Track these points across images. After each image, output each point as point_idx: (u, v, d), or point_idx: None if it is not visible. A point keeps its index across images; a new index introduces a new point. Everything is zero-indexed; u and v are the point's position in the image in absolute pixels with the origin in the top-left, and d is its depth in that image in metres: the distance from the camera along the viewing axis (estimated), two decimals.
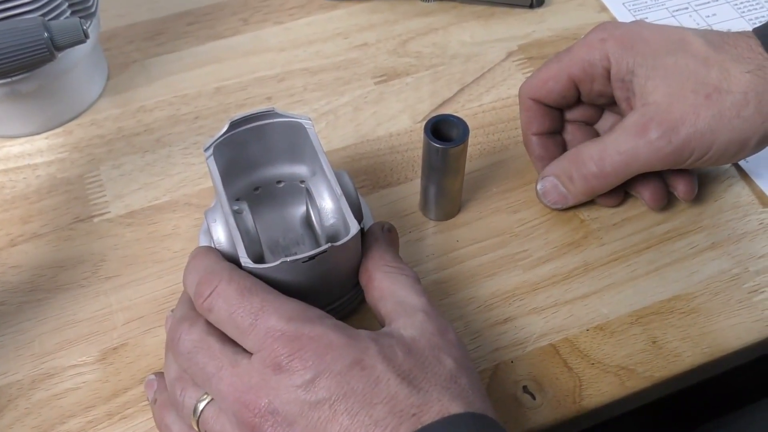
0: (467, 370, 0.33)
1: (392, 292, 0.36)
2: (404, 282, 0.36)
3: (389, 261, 0.37)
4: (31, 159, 0.51)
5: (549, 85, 0.45)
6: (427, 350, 0.32)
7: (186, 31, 0.59)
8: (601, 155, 0.43)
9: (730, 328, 0.42)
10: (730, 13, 0.60)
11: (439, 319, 0.34)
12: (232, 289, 0.33)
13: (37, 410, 0.40)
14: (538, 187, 0.46)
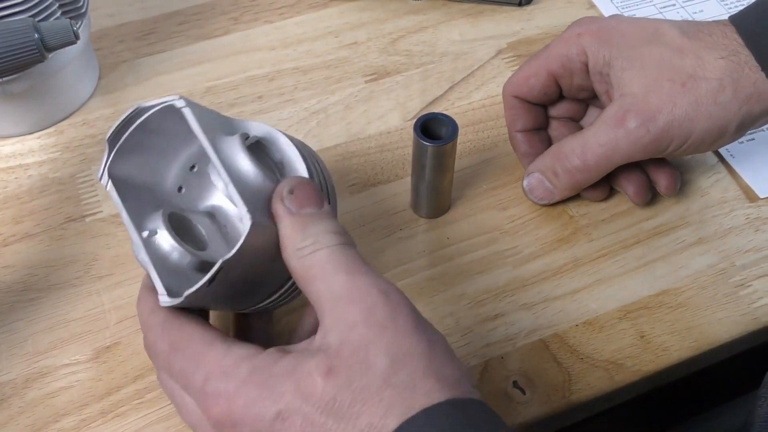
0: (410, 356, 0.28)
1: (312, 282, 0.30)
2: (324, 261, 0.30)
3: (298, 241, 0.31)
4: (23, 159, 0.51)
5: (530, 83, 0.46)
6: (352, 357, 0.28)
7: (176, 31, 0.59)
8: (583, 149, 0.43)
9: (718, 322, 0.43)
10: (716, 9, 0.60)
11: (377, 297, 0.29)
12: (162, 352, 0.32)
13: (30, 409, 0.40)
14: (524, 184, 0.47)
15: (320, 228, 0.31)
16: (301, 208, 0.31)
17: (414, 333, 0.29)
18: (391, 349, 0.28)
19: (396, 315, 0.29)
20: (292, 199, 0.31)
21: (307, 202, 0.32)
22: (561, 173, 0.45)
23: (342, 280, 0.30)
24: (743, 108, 0.41)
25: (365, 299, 0.29)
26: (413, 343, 0.28)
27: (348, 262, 0.30)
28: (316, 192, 0.32)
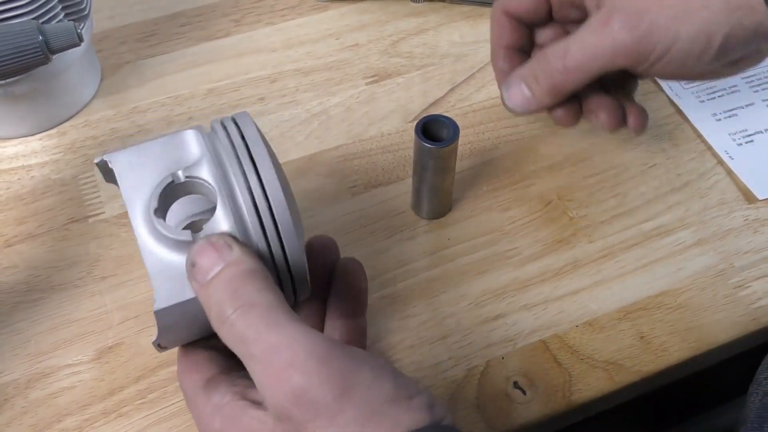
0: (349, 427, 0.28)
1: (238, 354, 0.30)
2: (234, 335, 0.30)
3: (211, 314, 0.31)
4: (26, 160, 0.51)
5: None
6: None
7: (178, 32, 0.59)
8: (564, 52, 0.42)
9: (717, 323, 0.43)
10: None
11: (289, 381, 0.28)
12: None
13: (33, 409, 0.40)
14: (503, 93, 0.45)
15: (218, 295, 0.30)
16: (207, 275, 0.30)
17: (344, 406, 0.28)
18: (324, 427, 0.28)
19: (319, 392, 0.28)
20: (196, 272, 0.31)
21: (209, 265, 0.30)
22: (541, 78, 0.43)
23: (257, 365, 0.29)
24: (732, 16, 0.39)
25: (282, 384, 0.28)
26: (346, 419, 0.27)
27: (255, 335, 0.29)
28: (215, 248, 0.31)
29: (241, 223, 0.32)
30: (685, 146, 0.52)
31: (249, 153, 0.33)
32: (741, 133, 0.52)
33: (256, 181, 0.32)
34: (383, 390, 0.28)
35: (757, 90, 0.55)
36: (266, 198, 0.32)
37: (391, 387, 0.28)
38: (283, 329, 0.29)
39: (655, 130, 0.53)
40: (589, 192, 0.49)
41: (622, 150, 0.52)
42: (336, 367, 0.28)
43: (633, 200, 0.49)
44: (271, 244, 0.32)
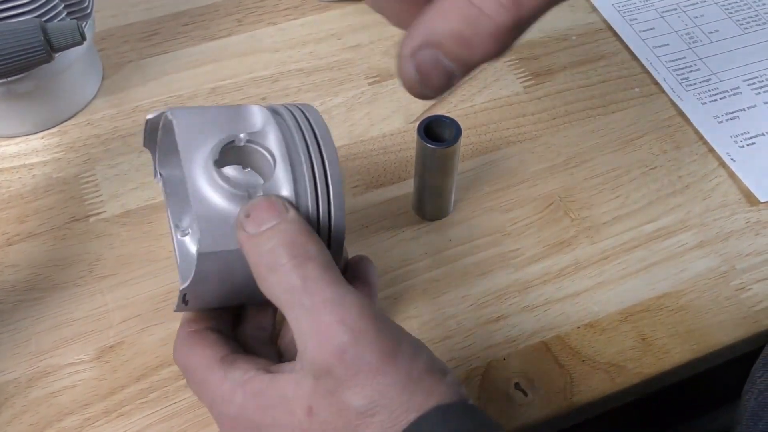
0: (387, 395, 0.28)
1: (283, 309, 0.30)
2: (286, 287, 0.30)
3: (259, 264, 0.31)
4: (27, 159, 0.51)
5: None
6: (328, 399, 0.29)
7: (181, 32, 0.59)
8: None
9: (718, 325, 0.43)
10: (717, 14, 0.60)
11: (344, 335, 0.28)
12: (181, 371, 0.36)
13: (34, 408, 0.40)
14: (405, 69, 0.27)
15: (272, 243, 0.30)
16: (260, 227, 0.31)
17: (388, 368, 0.28)
18: (365, 392, 0.28)
19: (365, 351, 0.28)
20: (249, 222, 0.31)
21: (266, 218, 0.31)
22: (476, 41, 0.26)
23: (301, 314, 0.29)
24: None
25: (329, 338, 0.28)
26: (388, 381, 0.28)
27: (305, 285, 0.29)
28: (273, 205, 0.31)
29: (298, 193, 0.33)
30: (687, 148, 0.52)
31: (314, 132, 0.34)
32: (743, 136, 0.52)
33: (318, 157, 0.33)
34: (421, 361, 0.29)
35: (759, 92, 0.55)
36: (325, 175, 0.33)
37: (428, 360, 0.30)
38: (337, 287, 0.29)
39: (657, 132, 0.53)
40: (591, 193, 0.49)
41: (623, 152, 0.51)
42: (383, 331, 0.29)
43: (634, 202, 0.49)
44: (320, 219, 0.33)
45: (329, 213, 0.33)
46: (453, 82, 0.27)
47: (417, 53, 0.26)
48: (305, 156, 0.34)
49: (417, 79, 0.27)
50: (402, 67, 0.27)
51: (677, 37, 0.59)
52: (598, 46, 0.58)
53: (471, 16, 0.25)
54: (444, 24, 0.25)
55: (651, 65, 0.56)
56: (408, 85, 0.27)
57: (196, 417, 0.40)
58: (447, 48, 0.26)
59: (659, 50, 0.58)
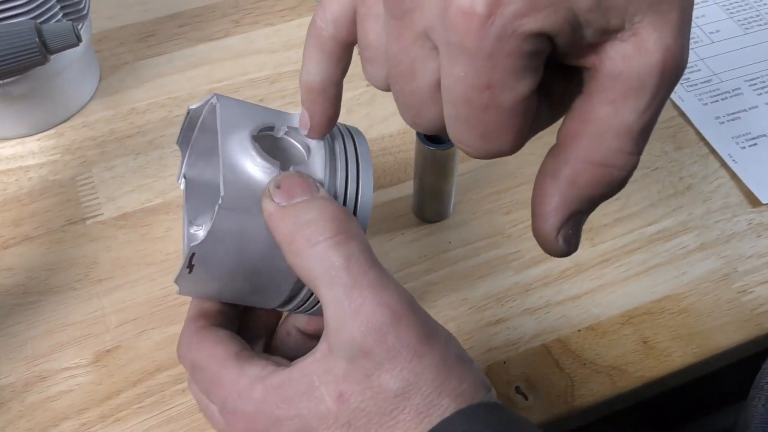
0: (423, 378, 0.28)
1: (314, 285, 0.29)
2: (321, 261, 0.28)
3: (290, 235, 0.29)
4: (23, 161, 0.51)
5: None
6: (362, 384, 0.28)
7: (177, 33, 0.59)
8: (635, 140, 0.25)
9: (720, 328, 0.43)
10: (718, 14, 0.60)
11: (382, 315, 0.28)
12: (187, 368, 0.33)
13: (30, 413, 0.40)
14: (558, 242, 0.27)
15: (313, 215, 0.29)
16: (290, 199, 0.30)
17: (425, 351, 0.28)
18: (402, 374, 0.27)
19: (405, 334, 0.28)
20: (279, 193, 0.30)
21: (298, 192, 0.30)
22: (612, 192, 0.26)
23: (342, 293, 0.28)
24: None
25: (370, 319, 0.28)
26: (425, 364, 0.28)
27: (348, 264, 0.28)
28: (306, 181, 0.30)
29: (329, 183, 0.32)
30: (688, 149, 0.51)
31: (353, 140, 0.35)
32: (744, 137, 0.52)
33: (354, 160, 0.34)
34: (454, 348, 0.29)
35: (761, 93, 0.54)
36: (358, 175, 0.33)
37: (459, 348, 0.30)
38: (378, 269, 0.29)
39: (658, 132, 0.52)
40: None
41: None
42: (421, 317, 0.29)
43: (635, 204, 0.48)
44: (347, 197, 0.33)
45: (356, 203, 0.33)
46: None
47: (563, 226, 0.27)
48: (342, 157, 0.33)
49: (566, 248, 0.27)
50: (549, 244, 0.27)
51: None
52: None
53: (604, 176, 0.25)
54: (577, 192, 0.25)
55: None
56: (557, 255, 0.27)
57: (193, 422, 0.40)
58: (585, 211, 0.27)
59: None
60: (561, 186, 0.26)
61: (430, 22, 0.23)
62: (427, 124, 0.27)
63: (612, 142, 0.24)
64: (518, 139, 0.25)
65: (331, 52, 0.31)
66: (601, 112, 0.24)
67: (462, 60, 0.23)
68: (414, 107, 0.27)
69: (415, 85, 0.26)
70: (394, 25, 0.25)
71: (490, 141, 0.25)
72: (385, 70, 0.28)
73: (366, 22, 0.27)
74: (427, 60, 0.25)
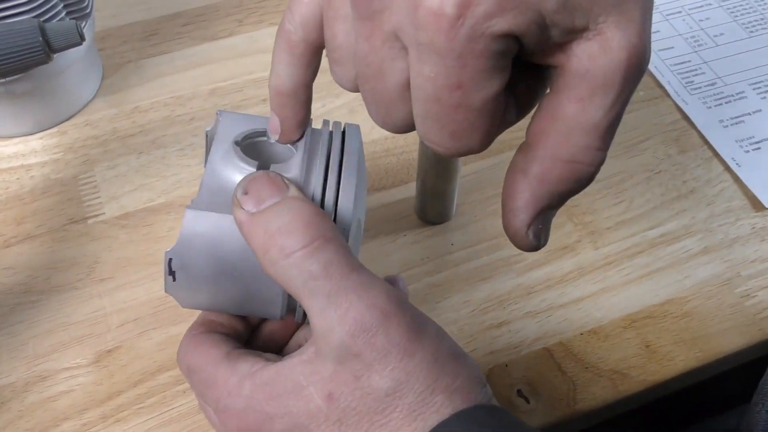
0: (415, 376, 0.27)
1: (295, 294, 0.29)
2: (298, 271, 0.28)
3: (264, 246, 0.28)
4: (25, 159, 0.51)
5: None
6: (351, 384, 0.28)
7: (180, 32, 0.59)
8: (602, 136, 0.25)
9: (723, 332, 0.43)
10: (722, 17, 0.60)
11: (367, 315, 0.27)
12: (184, 371, 0.34)
13: (30, 413, 0.40)
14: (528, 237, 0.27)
15: (284, 221, 0.28)
16: (259, 204, 0.29)
17: (416, 348, 0.28)
18: (393, 374, 0.27)
19: (395, 332, 0.27)
20: (247, 199, 0.29)
21: (266, 194, 0.29)
22: (580, 188, 0.27)
23: (325, 302, 0.27)
24: None
25: (358, 321, 0.27)
26: (416, 362, 0.27)
27: (327, 271, 0.28)
28: (274, 180, 0.29)
29: (307, 179, 0.32)
30: (692, 153, 0.51)
31: (342, 145, 0.34)
32: (748, 140, 0.52)
33: (337, 157, 0.33)
34: (446, 344, 0.29)
35: (765, 96, 0.54)
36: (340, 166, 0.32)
37: (451, 344, 0.29)
38: (360, 271, 0.28)
39: (661, 136, 0.52)
40: (594, 198, 0.49)
41: (627, 156, 0.51)
42: (410, 313, 0.28)
43: (638, 207, 0.48)
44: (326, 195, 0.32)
45: (335, 201, 0.32)
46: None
47: (533, 222, 0.27)
48: (322, 155, 0.33)
49: (536, 243, 0.28)
50: (520, 239, 0.27)
51: (682, 40, 0.58)
52: None
53: (572, 172, 0.25)
54: (546, 188, 0.26)
55: (655, 68, 0.56)
56: (528, 249, 0.28)
57: (194, 423, 0.40)
58: (555, 206, 0.27)
59: (664, 53, 0.57)
60: (531, 183, 0.26)
61: (399, 23, 0.24)
62: (396, 124, 0.27)
63: (580, 139, 0.24)
64: (487, 137, 0.25)
65: (302, 56, 0.30)
66: (569, 110, 0.24)
67: (432, 60, 0.23)
68: (383, 107, 0.27)
69: (384, 85, 0.26)
70: (363, 25, 0.25)
71: (460, 139, 0.25)
72: (354, 71, 0.28)
73: (334, 23, 0.27)
74: (396, 60, 0.25)
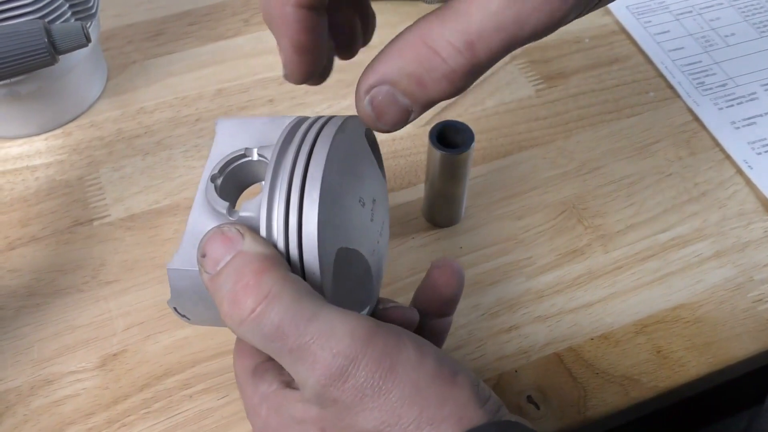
0: (398, 405, 0.27)
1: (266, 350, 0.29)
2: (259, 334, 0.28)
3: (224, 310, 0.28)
4: (30, 161, 0.50)
5: None
6: (338, 423, 0.28)
7: (186, 32, 0.58)
8: (469, 38, 0.25)
9: (735, 338, 0.42)
10: (733, 17, 0.59)
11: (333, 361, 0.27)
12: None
13: (35, 417, 0.40)
14: (364, 103, 0.28)
15: (229, 287, 0.28)
16: (215, 266, 0.29)
17: (390, 386, 0.27)
18: (373, 414, 0.27)
19: (365, 375, 0.27)
20: (205, 262, 0.29)
21: (220, 253, 0.29)
22: (430, 81, 0.27)
23: (289, 359, 0.27)
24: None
25: (326, 372, 0.27)
26: (394, 399, 0.27)
27: (281, 333, 0.27)
28: (227, 236, 0.29)
29: (268, 212, 0.30)
30: (703, 155, 0.51)
31: (312, 146, 0.30)
32: (760, 142, 0.51)
33: (301, 173, 0.30)
34: (427, 368, 0.28)
35: None
36: (301, 191, 0.29)
37: (434, 364, 0.28)
38: (318, 318, 0.27)
39: (672, 137, 0.52)
40: (604, 201, 0.48)
41: (637, 158, 0.50)
42: (380, 346, 0.27)
43: (649, 210, 0.48)
44: (289, 245, 0.30)
45: (299, 239, 0.29)
46: (410, 118, 0.28)
47: (372, 90, 0.27)
48: (288, 170, 0.30)
49: (373, 115, 0.28)
50: (358, 103, 0.28)
51: (693, 41, 0.58)
52: (611, 49, 0.57)
53: (426, 57, 0.26)
54: (400, 63, 0.26)
55: (666, 69, 0.55)
56: (365, 119, 0.28)
57: (201, 428, 0.39)
58: (402, 86, 0.27)
59: (674, 54, 0.57)
60: (388, 52, 0.27)
61: None
62: None
63: (449, 33, 0.25)
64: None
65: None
66: (457, 5, 0.25)
67: None
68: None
69: None
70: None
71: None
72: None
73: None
74: None
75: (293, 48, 0.29)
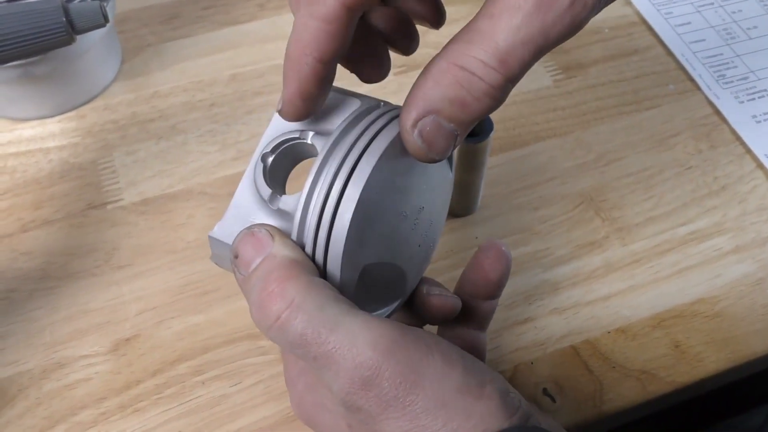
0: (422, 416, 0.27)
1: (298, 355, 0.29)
2: (289, 338, 0.28)
3: (254, 314, 0.29)
4: (44, 143, 0.50)
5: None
6: (362, 428, 0.28)
7: (201, 16, 0.58)
8: (499, 55, 0.26)
9: (755, 333, 0.42)
10: (755, 9, 0.58)
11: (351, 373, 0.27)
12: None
13: (48, 401, 0.39)
14: (414, 138, 0.28)
15: (257, 292, 0.28)
16: (248, 268, 0.29)
17: (414, 399, 0.27)
18: (398, 423, 0.27)
19: (386, 385, 0.27)
20: (238, 263, 0.29)
21: (251, 255, 0.29)
22: (472, 101, 0.27)
23: (321, 367, 0.28)
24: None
25: (350, 381, 0.27)
26: (417, 411, 0.27)
27: (304, 340, 0.27)
28: (258, 238, 0.29)
29: (302, 218, 0.29)
30: (723, 148, 0.50)
31: (360, 156, 0.29)
32: None
33: (339, 188, 0.29)
34: (453, 380, 0.27)
35: None
36: (335, 209, 0.29)
37: (460, 375, 0.28)
38: (340, 327, 0.27)
39: (692, 130, 0.51)
40: (623, 193, 0.48)
41: (657, 150, 0.50)
42: (403, 357, 0.27)
43: (668, 203, 0.47)
44: (317, 247, 0.29)
45: (327, 242, 0.29)
46: (457, 142, 0.28)
47: (419, 122, 0.27)
48: (330, 178, 0.29)
49: (424, 147, 0.28)
50: (407, 138, 0.28)
51: (714, 33, 0.57)
52: (631, 40, 0.56)
53: (464, 79, 0.26)
54: (439, 91, 0.27)
55: (686, 61, 0.55)
56: (416, 153, 0.28)
57: (213, 414, 0.39)
58: (446, 113, 0.27)
59: (695, 45, 0.56)
60: (426, 81, 0.27)
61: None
62: None
63: (478, 51, 0.26)
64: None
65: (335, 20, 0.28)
66: (480, 24, 0.26)
67: None
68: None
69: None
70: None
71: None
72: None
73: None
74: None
75: (299, 94, 0.29)
